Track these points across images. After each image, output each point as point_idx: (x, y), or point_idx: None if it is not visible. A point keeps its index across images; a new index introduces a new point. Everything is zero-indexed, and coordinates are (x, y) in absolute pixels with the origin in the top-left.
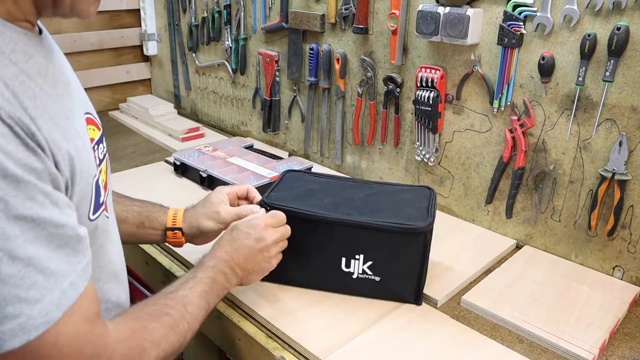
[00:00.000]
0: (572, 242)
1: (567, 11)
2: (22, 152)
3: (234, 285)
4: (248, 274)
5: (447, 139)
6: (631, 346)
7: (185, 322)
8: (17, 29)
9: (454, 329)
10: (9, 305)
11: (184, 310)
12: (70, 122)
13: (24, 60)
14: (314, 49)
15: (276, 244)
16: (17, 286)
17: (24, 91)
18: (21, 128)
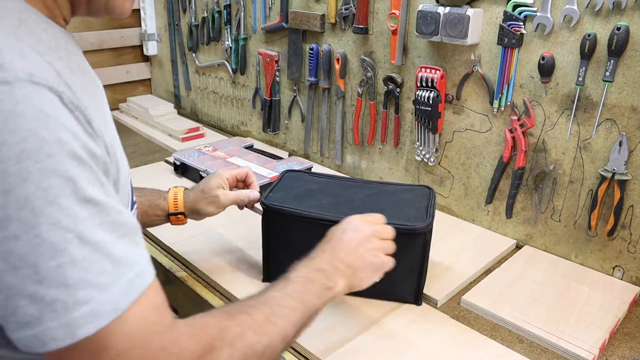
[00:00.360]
0: (572, 242)
1: (567, 11)
2: (84, 136)
3: (340, 285)
4: (355, 270)
5: (447, 139)
6: (631, 346)
7: (270, 323)
8: (57, 26)
9: (454, 329)
10: (80, 289)
11: (269, 310)
12: (107, 118)
13: (66, 57)
14: (314, 49)
15: (379, 239)
16: (87, 270)
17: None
18: (80, 113)
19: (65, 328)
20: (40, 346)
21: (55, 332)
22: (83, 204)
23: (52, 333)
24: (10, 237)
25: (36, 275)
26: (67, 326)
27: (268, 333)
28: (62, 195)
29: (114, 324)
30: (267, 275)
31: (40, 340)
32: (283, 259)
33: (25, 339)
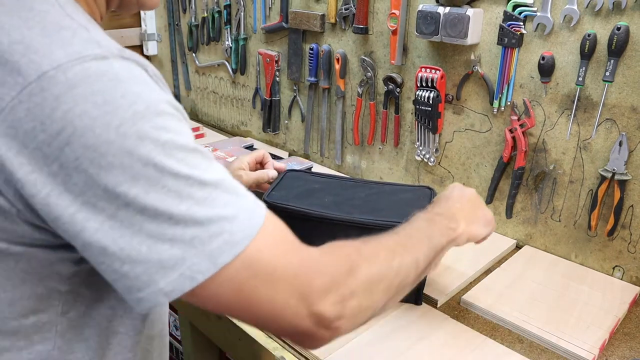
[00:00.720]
0: (572, 242)
1: (567, 11)
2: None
3: (461, 227)
4: (471, 220)
5: (447, 139)
6: (631, 346)
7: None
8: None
9: (454, 329)
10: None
11: (397, 238)
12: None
13: None
14: (314, 49)
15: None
16: (213, 207)
17: None
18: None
19: (207, 260)
20: (188, 284)
21: (199, 266)
22: (193, 152)
23: (197, 267)
24: (142, 193)
25: (171, 220)
26: (208, 258)
27: (400, 253)
28: (176, 148)
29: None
30: None
31: (188, 277)
32: None
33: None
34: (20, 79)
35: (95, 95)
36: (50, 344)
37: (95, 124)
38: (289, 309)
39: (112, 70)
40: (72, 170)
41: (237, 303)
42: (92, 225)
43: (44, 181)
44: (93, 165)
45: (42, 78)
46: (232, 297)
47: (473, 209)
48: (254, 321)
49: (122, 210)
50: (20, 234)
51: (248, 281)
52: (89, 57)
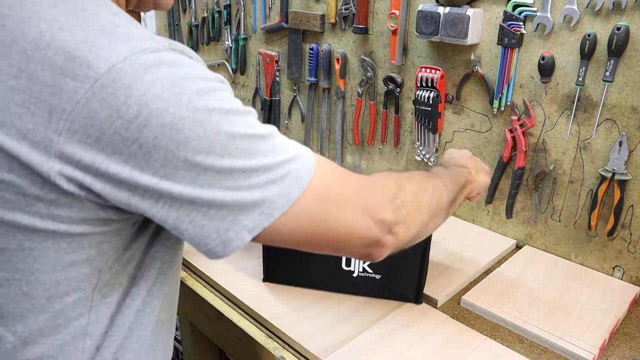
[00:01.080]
0: (572, 242)
1: (567, 11)
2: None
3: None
4: (477, 170)
5: (447, 139)
6: (631, 346)
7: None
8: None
9: (454, 329)
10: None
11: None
12: None
13: None
14: (314, 49)
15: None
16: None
17: None
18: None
19: (282, 197)
20: (267, 220)
21: (276, 203)
22: (247, 114)
23: (274, 204)
24: (218, 158)
25: (246, 173)
26: (282, 195)
27: (432, 179)
28: (237, 114)
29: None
30: (267, 275)
31: (267, 214)
32: (283, 259)
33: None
34: (91, 72)
35: (162, 80)
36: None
37: (168, 105)
38: (358, 223)
39: (169, 59)
40: (152, 148)
41: (314, 230)
42: (177, 189)
43: (125, 160)
44: (172, 141)
45: (112, 70)
46: (309, 226)
47: (475, 161)
48: (330, 245)
49: (201, 175)
50: (84, 214)
51: (319, 208)
52: (148, 50)
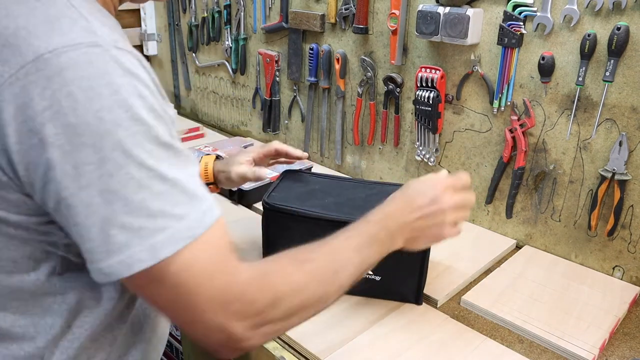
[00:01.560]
0: (572, 242)
1: (567, 11)
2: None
3: (397, 245)
4: (416, 237)
5: (447, 139)
6: (631, 346)
7: (330, 271)
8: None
9: (454, 329)
10: (161, 218)
11: (332, 259)
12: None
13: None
14: (314, 49)
15: (454, 210)
16: (166, 202)
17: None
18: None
19: (148, 251)
20: (126, 270)
21: (140, 255)
22: (162, 147)
23: (138, 255)
24: (107, 175)
25: (126, 207)
26: (150, 249)
27: (329, 284)
28: (147, 139)
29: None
30: None
31: (127, 264)
32: None
33: (111, 267)
34: (20, 59)
35: (82, 80)
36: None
37: (77, 106)
38: (205, 321)
39: (103, 59)
40: (49, 146)
41: (164, 299)
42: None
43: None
44: (68, 143)
45: (39, 60)
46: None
47: (429, 227)
48: (173, 319)
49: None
50: (15, 202)
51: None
52: (84, 44)
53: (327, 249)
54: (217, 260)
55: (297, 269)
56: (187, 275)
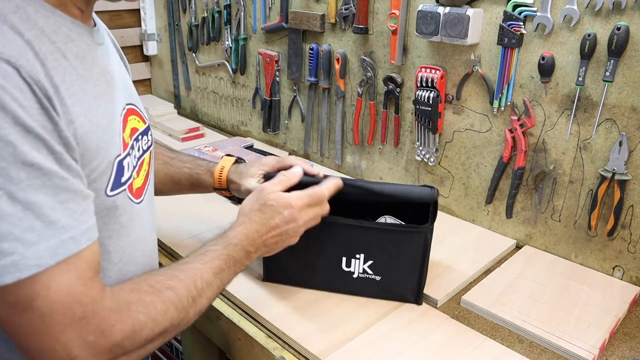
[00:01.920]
0: (572, 242)
1: (567, 11)
2: (36, 109)
3: (253, 260)
4: (271, 250)
5: (447, 139)
6: (631, 346)
7: (190, 297)
8: (63, 15)
9: (454, 329)
10: (4, 242)
11: (192, 285)
12: (98, 103)
13: (63, 42)
14: (314, 49)
15: (306, 224)
16: (14, 225)
17: (55, 65)
18: (39, 88)
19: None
20: None
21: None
22: (21, 166)
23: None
24: None
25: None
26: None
27: (187, 308)
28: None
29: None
30: (267, 275)
31: None
32: (283, 258)
33: None
34: None
35: None
36: None
37: None
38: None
39: None
40: None
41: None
42: None
43: None
44: None
45: None
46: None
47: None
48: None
49: None
50: None
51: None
52: None
53: (187, 275)
54: (75, 291)
55: (156, 298)
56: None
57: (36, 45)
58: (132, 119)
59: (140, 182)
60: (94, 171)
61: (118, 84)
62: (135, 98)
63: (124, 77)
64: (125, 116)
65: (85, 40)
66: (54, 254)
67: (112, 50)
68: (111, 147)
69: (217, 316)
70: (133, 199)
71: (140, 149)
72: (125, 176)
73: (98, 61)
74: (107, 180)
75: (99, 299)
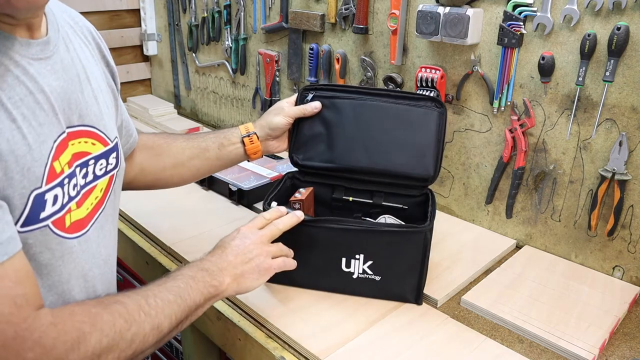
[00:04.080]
0: (572, 242)
1: (567, 11)
2: None
3: (226, 283)
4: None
5: (447, 139)
6: (631, 346)
7: (141, 311)
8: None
9: (454, 329)
10: None
11: (143, 301)
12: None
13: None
14: (314, 49)
15: (267, 241)
16: None
17: None
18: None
19: None
20: None
21: None
22: None
23: None
24: None
25: None
26: None
27: (139, 321)
28: None
29: None
30: None
31: None
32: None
33: None
34: None
35: None
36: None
37: None
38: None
39: None
40: None
41: None
42: None
43: None
44: None
45: None
46: None
47: (248, 260)
48: None
49: None
50: None
51: None
52: None
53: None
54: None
55: (103, 310)
56: None
57: None
58: (79, 142)
59: (83, 213)
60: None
61: (59, 104)
62: (91, 118)
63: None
64: (62, 141)
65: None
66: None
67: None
68: (25, 179)
69: (217, 316)
70: (63, 234)
71: (90, 174)
72: (47, 211)
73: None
74: (18, 215)
75: (33, 316)
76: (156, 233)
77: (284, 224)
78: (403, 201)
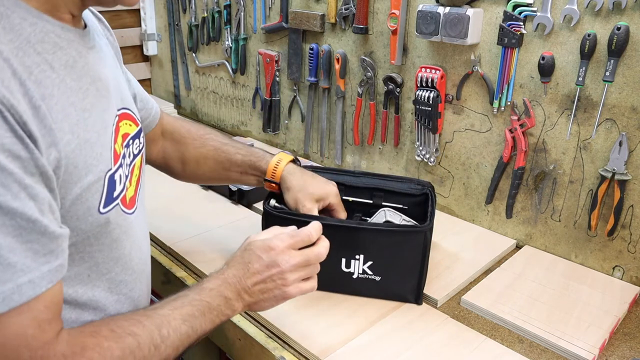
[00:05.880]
0: (572, 242)
1: (567, 11)
2: (8, 137)
3: (238, 310)
4: (258, 300)
5: (447, 139)
6: (631, 346)
7: (152, 345)
8: (52, 21)
9: (454, 329)
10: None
11: (156, 332)
12: (87, 116)
13: (51, 52)
14: (314, 49)
15: (295, 269)
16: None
17: (41, 79)
18: (12, 115)
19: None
20: None
21: None
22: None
23: None
24: None
25: None
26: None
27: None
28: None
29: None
30: None
31: None
32: None
33: None
34: None
35: None
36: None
37: None
38: None
39: None
40: None
41: None
42: None
43: None
44: None
45: None
46: None
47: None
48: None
49: None
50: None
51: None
52: None
53: (152, 321)
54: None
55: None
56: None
57: (16, 61)
58: (124, 124)
59: (132, 191)
60: (84, 189)
61: (111, 90)
62: (127, 100)
63: (117, 79)
64: (117, 124)
65: (75, 46)
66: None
67: (105, 50)
68: (101, 163)
69: None
70: (126, 210)
71: (131, 154)
72: (117, 190)
73: (89, 68)
74: (99, 198)
75: (51, 343)
76: (156, 233)
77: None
78: (403, 201)
